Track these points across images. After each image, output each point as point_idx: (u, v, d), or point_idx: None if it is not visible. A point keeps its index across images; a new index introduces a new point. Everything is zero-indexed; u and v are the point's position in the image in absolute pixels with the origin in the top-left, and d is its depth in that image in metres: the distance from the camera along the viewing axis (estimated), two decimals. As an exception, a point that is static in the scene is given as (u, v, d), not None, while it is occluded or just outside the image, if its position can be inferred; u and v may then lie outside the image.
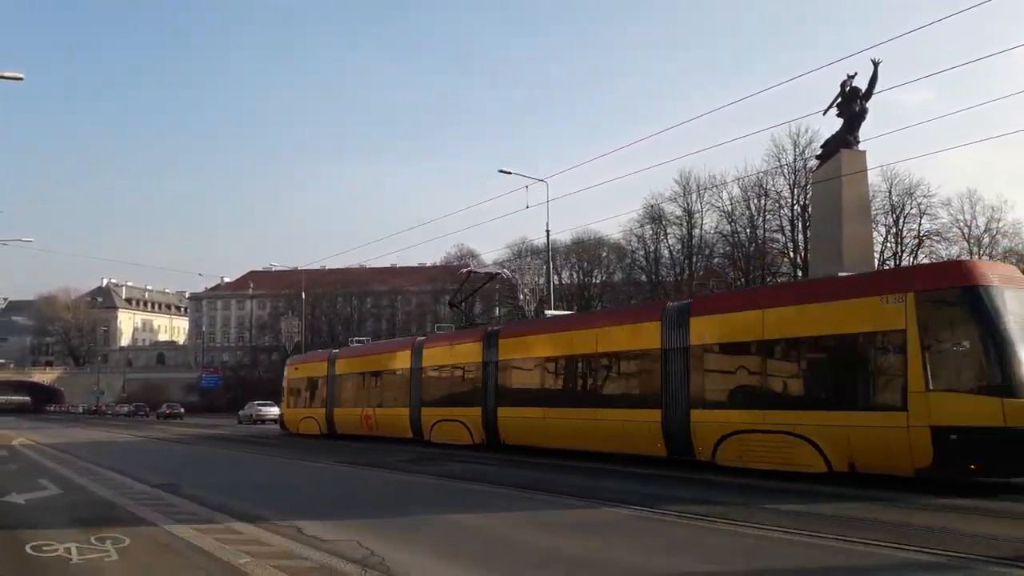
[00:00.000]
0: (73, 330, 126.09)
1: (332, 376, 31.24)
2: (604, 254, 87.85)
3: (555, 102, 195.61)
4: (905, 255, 66.63)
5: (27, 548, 8.38)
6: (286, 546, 8.27)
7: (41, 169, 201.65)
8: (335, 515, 10.42)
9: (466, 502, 11.53)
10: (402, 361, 26.77)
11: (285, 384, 36.09)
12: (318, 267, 79.31)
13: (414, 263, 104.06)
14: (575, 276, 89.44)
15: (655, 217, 79.14)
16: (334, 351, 34.89)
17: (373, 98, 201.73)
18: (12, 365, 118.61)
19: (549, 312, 37.11)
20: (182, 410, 71.24)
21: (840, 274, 15.77)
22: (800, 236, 68.41)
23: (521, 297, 48.38)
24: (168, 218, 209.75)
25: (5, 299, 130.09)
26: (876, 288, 13.03)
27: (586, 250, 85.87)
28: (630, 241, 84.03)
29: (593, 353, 18.83)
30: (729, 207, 75.16)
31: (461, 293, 34.00)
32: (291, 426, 34.91)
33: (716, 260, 78.84)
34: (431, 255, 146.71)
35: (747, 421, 14.47)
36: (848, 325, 13.09)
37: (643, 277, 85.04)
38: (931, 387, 11.67)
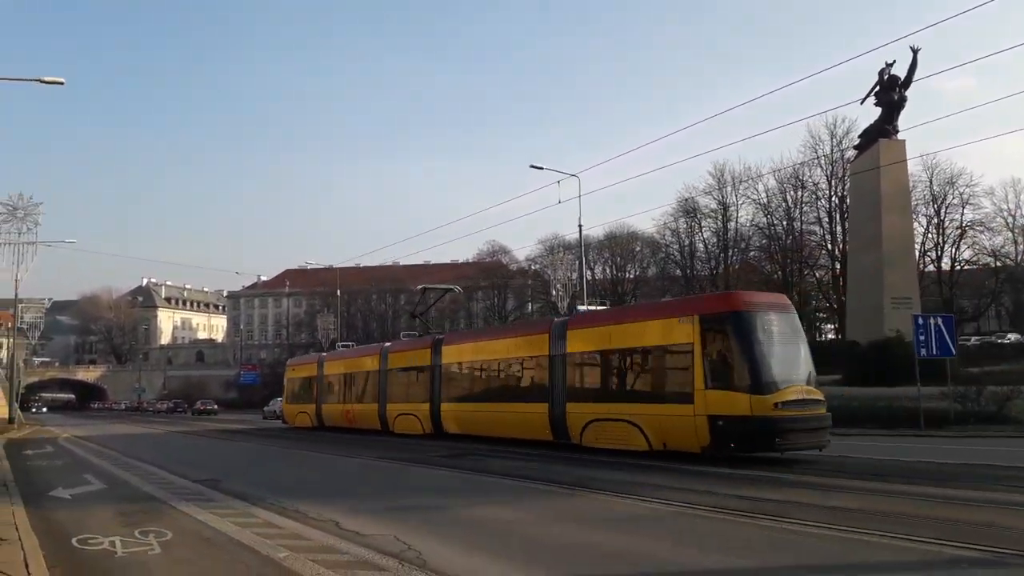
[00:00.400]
0: (115, 329, 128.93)
1: (320, 376, 35.49)
2: (637, 248, 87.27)
3: (586, 97, 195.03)
4: (947, 246, 65.19)
5: (74, 541, 8.57)
6: (325, 540, 8.33)
7: (82, 171, 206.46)
8: (372, 510, 10.47)
9: (504, 498, 11.50)
10: (372, 364, 30.63)
11: (285, 383, 40.53)
12: (352, 265, 80.00)
13: (447, 260, 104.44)
14: (608, 271, 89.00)
15: (689, 210, 78.44)
16: (323, 354, 40.27)
17: (407, 96, 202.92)
18: (57, 364, 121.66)
19: (581, 307, 37.01)
20: (215, 406, 73.82)
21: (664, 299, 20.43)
22: (838, 228, 67.29)
23: (553, 293, 48.29)
24: (205, 218, 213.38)
25: (50, 299, 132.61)
26: (675, 312, 17.39)
27: (619, 244, 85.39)
28: (664, 235, 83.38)
29: (504, 359, 23.17)
30: (765, 199, 74.21)
31: (421, 306, 38.48)
32: (290, 419, 38.74)
33: (752, 253, 77.88)
34: (463, 252, 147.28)
35: (600, 412, 18.42)
36: (658, 339, 17.24)
37: (677, 271, 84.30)
38: (708, 386, 15.43)
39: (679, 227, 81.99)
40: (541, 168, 33.33)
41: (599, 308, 37.27)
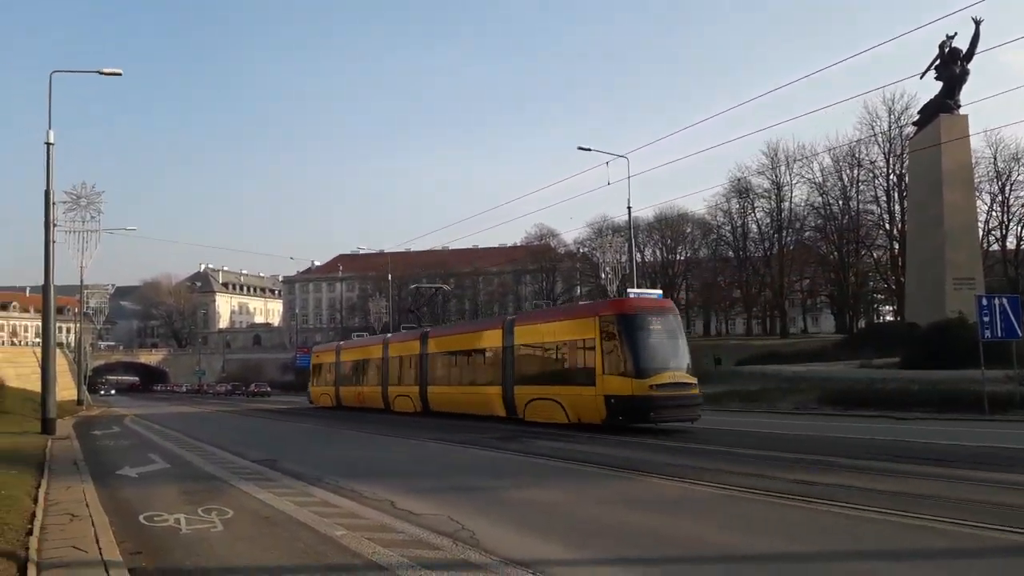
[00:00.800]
0: (175, 313, 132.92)
1: (338, 363, 40.11)
2: (688, 230, 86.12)
3: (636, 76, 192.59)
4: (1012, 224, 62.81)
5: (140, 518, 8.91)
6: (380, 520, 8.50)
7: (142, 160, 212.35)
8: (426, 490, 10.64)
9: (554, 480, 11.55)
10: (377, 352, 35.47)
11: (311, 368, 45.16)
12: (403, 250, 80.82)
13: (495, 244, 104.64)
14: (658, 253, 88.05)
15: (742, 190, 77.08)
16: (340, 343, 45.21)
17: (453, 81, 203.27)
18: (121, 348, 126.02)
19: (631, 291, 36.74)
20: (268, 389, 76.21)
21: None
22: (896, 207, 65.38)
23: (602, 276, 47.90)
24: (261, 204, 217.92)
25: (113, 285, 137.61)
26: (583, 314, 22.31)
27: (669, 226, 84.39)
28: (716, 216, 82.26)
29: (472, 349, 27.68)
30: (820, 178, 72.53)
31: (414, 303, 46.13)
32: (315, 400, 43.31)
33: (807, 234, 76.19)
34: (512, 236, 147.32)
35: (536, 393, 22.93)
36: (572, 335, 21.79)
37: (730, 253, 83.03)
38: (605, 372, 19.76)
39: (731, 208, 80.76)
40: (589, 150, 33.08)
41: (648, 291, 37.02)
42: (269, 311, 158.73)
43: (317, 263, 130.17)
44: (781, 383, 34.22)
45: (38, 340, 44.69)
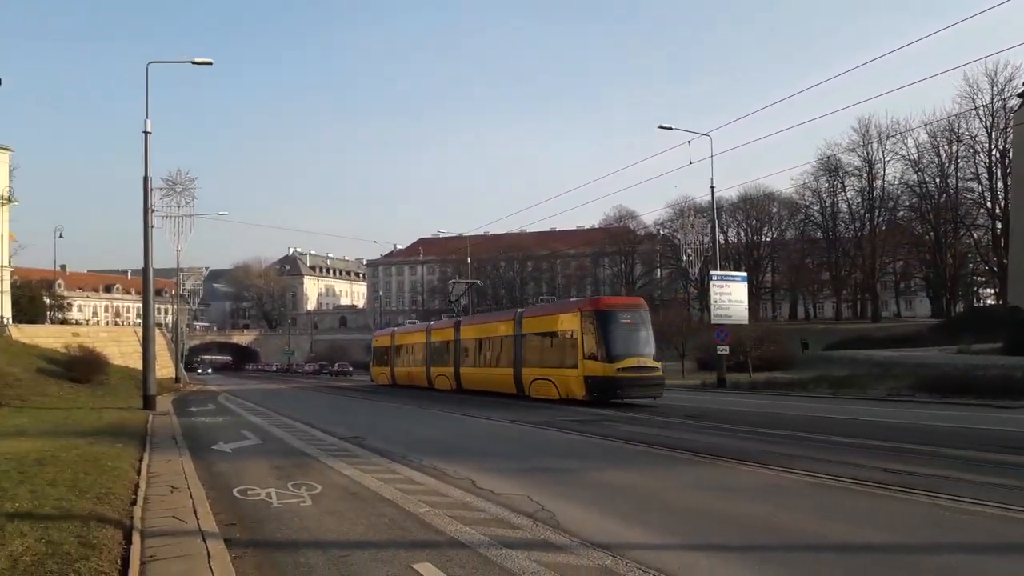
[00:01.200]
0: (265, 296, 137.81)
1: (393, 346, 45.19)
2: (774, 210, 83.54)
3: (721, 52, 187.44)
4: None
5: (234, 491, 9.31)
6: (462, 498, 8.62)
7: (234, 147, 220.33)
8: (507, 471, 10.72)
9: (636, 464, 11.45)
10: (421, 338, 40.72)
11: (372, 350, 51.29)
12: (482, 233, 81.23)
13: (573, 226, 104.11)
14: (743, 234, 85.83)
15: (831, 169, 74.23)
16: (396, 328, 51.74)
17: (531, 61, 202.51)
18: (215, 328, 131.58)
19: (715, 273, 36.00)
20: (350, 368, 78.41)
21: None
22: (999, 184, 61.82)
23: (684, 258, 47.10)
24: (345, 190, 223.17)
25: (207, 268, 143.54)
26: (569, 309, 26.48)
27: (754, 206, 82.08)
28: (803, 195, 79.55)
29: (493, 336, 32.38)
30: (915, 155, 69.20)
31: (452, 296, 51.58)
32: (375, 379, 49.21)
33: (901, 213, 72.89)
34: (590, 218, 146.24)
35: (536, 374, 27.55)
36: (561, 327, 26.40)
37: (818, 233, 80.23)
38: (585, 357, 24.18)
39: (820, 187, 77.90)
40: (670, 128, 32.40)
41: (732, 273, 36.48)
42: (354, 293, 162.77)
43: (400, 247, 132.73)
44: (872, 368, 32.96)
45: (139, 320, 47.17)
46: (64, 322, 78.64)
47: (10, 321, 44.10)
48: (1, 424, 16.71)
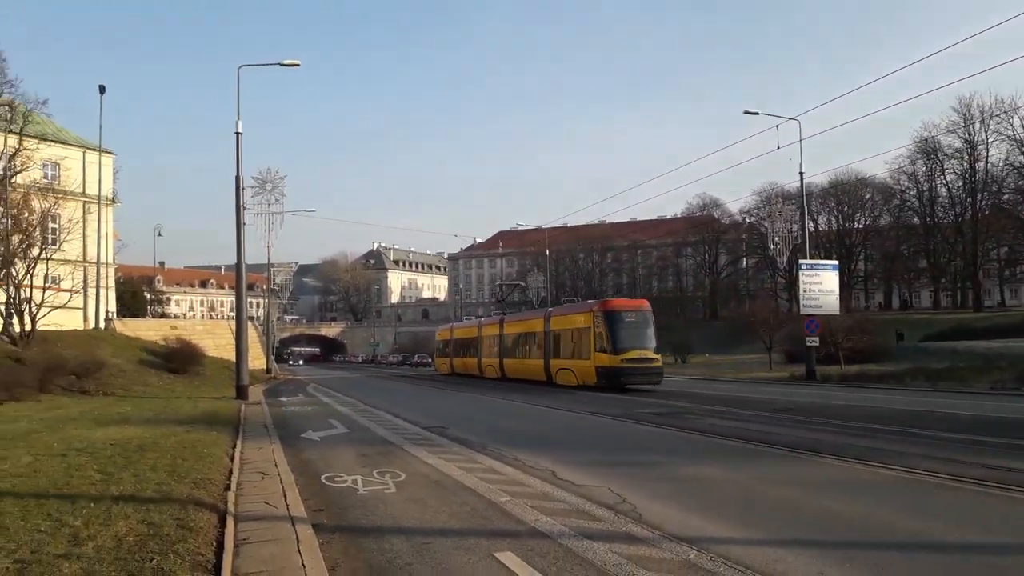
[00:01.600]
0: (351, 289, 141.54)
1: (452, 340, 50.49)
2: (867, 196, 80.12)
3: (811, 32, 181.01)
4: None
5: (322, 479, 9.59)
6: (542, 488, 8.63)
7: (320, 145, 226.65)
8: (587, 462, 10.66)
9: (719, 457, 11.19)
10: (473, 332, 46.18)
11: (436, 343, 57.68)
12: (560, 225, 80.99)
13: (654, 216, 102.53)
14: (834, 221, 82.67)
15: (929, 151, 70.54)
16: (455, 323, 57.55)
17: (613, 48, 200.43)
18: (304, 321, 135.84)
19: (804, 262, 34.83)
20: (430, 360, 79.39)
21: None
22: (1120, 163, 57.41)
23: (771, 247, 45.66)
24: (428, 185, 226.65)
25: (296, 263, 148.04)
26: (584, 310, 30.70)
27: (846, 192, 78.96)
28: (899, 180, 75.95)
29: (529, 332, 36.67)
30: (1022, 135, 64.88)
31: (502, 294, 62.62)
32: (438, 368, 55.00)
33: (1006, 196, 68.64)
34: (672, 207, 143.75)
35: (561, 365, 32.00)
36: (578, 324, 30.47)
37: (915, 219, 76.54)
38: (596, 350, 28.34)
39: (917, 171, 74.17)
40: (756, 113, 31.45)
41: (822, 262, 35.37)
42: (436, 286, 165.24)
43: (479, 240, 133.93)
44: (973, 360, 31.29)
45: (232, 314, 49.14)
46: (163, 316, 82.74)
47: (115, 315, 46.61)
48: (107, 412, 17.71)
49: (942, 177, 73.33)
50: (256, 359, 48.40)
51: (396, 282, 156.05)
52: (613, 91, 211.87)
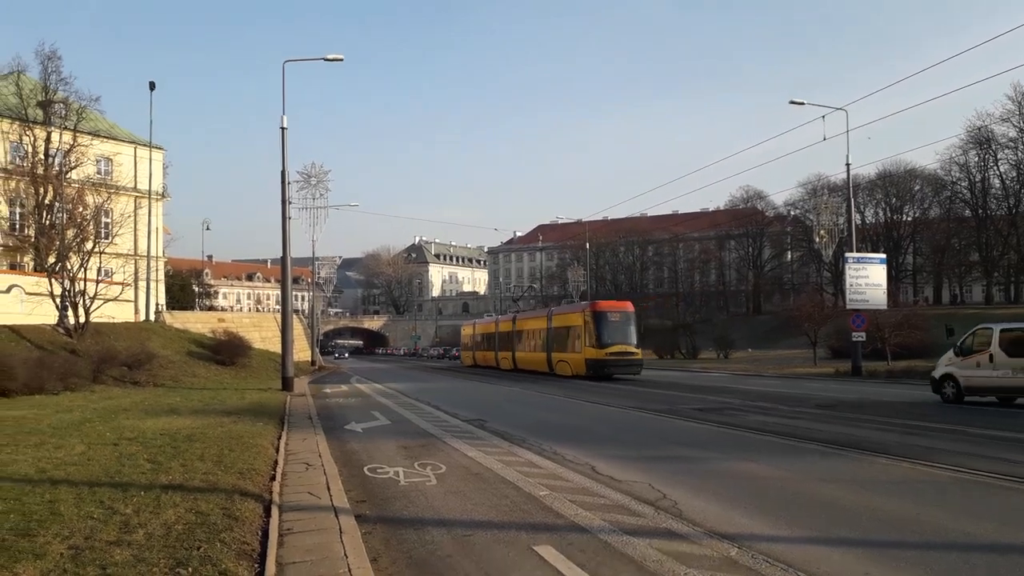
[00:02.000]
0: (393, 283, 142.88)
1: (474, 335, 56.10)
2: (917, 187, 78.06)
3: (855, 19, 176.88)
4: None
5: (365, 470, 9.72)
6: (582, 483, 8.62)
7: (363, 140, 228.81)
8: (627, 457, 10.62)
9: (761, 454, 11.03)
10: (491, 328, 51.82)
11: (461, 337, 63.87)
12: (600, 218, 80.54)
13: (696, 209, 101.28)
14: (881, 214, 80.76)
15: (982, 141, 68.38)
16: (476, 321, 61.74)
17: (650, 37, 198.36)
18: (348, 314, 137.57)
19: (850, 255, 34.15)
20: None
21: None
22: None
23: (816, 240, 44.73)
24: (468, 179, 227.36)
25: (340, 257, 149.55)
26: (576, 310, 36.80)
27: (894, 184, 77.04)
28: (950, 171, 73.72)
29: (535, 328, 41.75)
30: (1082, 123, 62.51)
31: (517, 294, 70.71)
32: (464, 361, 59.88)
33: (1063, 187, 66.17)
34: (714, 199, 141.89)
35: (560, 357, 36.64)
36: (573, 323, 35.66)
37: (966, 211, 74.32)
38: (586, 345, 33.55)
39: (969, 161, 71.93)
40: (802, 103, 30.87)
41: (869, 255, 34.66)
42: (476, 280, 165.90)
43: (519, 233, 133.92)
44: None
45: (278, 307, 50.00)
46: (211, 309, 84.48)
47: (164, 308, 47.74)
48: (157, 403, 18.18)
49: (995, 167, 71.07)
50: (301, 351, 49.15)
51: (437, 276, 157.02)
52: (655, 81, 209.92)
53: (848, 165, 33.75)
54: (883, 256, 37.18)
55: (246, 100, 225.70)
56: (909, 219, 79.71)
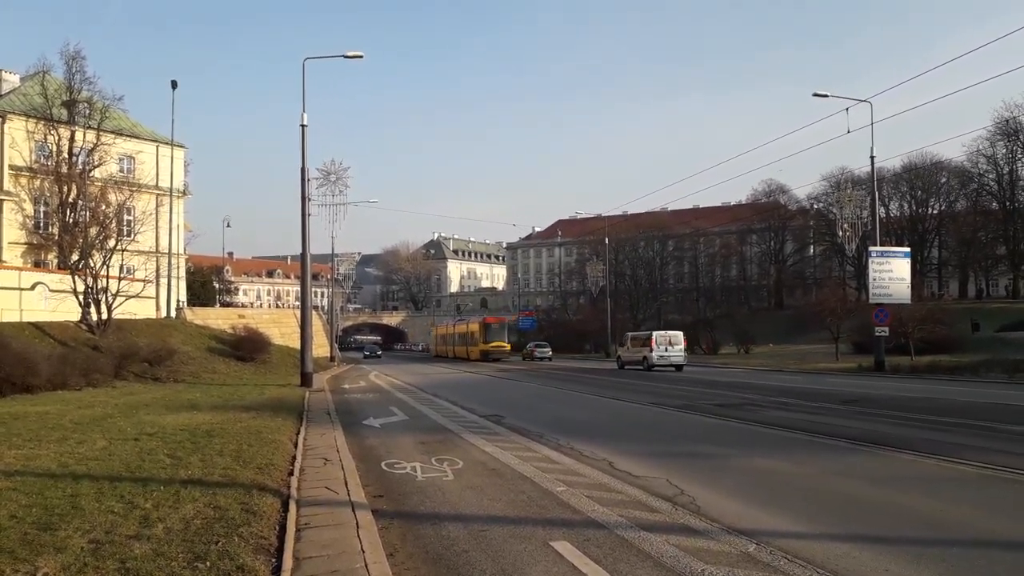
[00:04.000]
0: (412, 279, 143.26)
1: (438, 335, 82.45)
2: (943, 180, 76.94)
3: (880, 7, 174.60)
4: None
5: (382, 465, 9.75)
6: (599, 478, 8.58)
7: (382, 137, 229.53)
8: (644, 453, 10.56)
9: (782, 450, 10.92)
10: (447, 330, 75.75)
11: (433, 335, 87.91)
12: (620, 213, 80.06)
13: (717, 203, 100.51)
14: (906, 207, 79.67)
15: (1010, 132, 67.31)
16: (448, 320, 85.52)
17: (670, 31, 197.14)
18: (366, 310, 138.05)
19: (874, 249, 33.77)
20: None
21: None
22: None
23: (839, 234, 44.25)
24: (487, 175, 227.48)
25: (359, 253, 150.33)
26: (476, 320, 66.39)
27: (920, 176, 75.97)
28: (977, 163, 72.62)
29: (462, 332, 67.46)
30: (1111, 113, 61.32)
31: (460, 304, 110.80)
32: (436, 353, 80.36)
33: (1093, 179, 64.90)
34: (736, 193, 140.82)
35: (467, 349, 63.31)
36: (473, 328, 63.98)
37: (994, 204, 73.13)
38: (481, 342, 60.79)
39: (996, 153, 70.81)
40: (826, 96, 30.53)
41: (893, 249, 34.28)
42: (494, 276, 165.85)
43: (538, 229, 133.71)
44: (1056, 352, 29.86)
45: (298, 303, 50.37)
46: (231, 305, 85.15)
47: (185, 305, 48.23)
48: (177, 398, 18.36)
49: (1023, 159, 69.91)
50: (320, 347, 49.47)
51: (455, 272, 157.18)
52: (676, 77, 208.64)
53: (872, 158, 33.36)
54: (907, 250, 36.70)
55: (267, 96, 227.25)
56: (935, 212, 78.60)
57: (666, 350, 38.24)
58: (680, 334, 39.96)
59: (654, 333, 40.51)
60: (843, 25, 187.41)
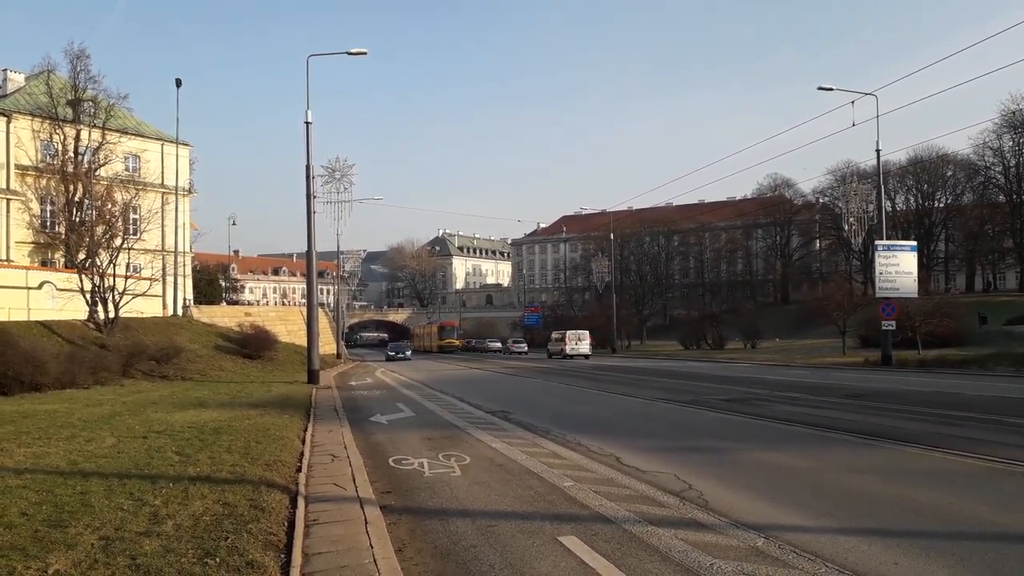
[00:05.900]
0: (417, 276, 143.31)
1: (415, 332, 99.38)
2: (949, 173, 76.56)
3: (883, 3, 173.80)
4: None
5: (390, 461, 9.77)
6: (606, 474, 8.58)
7: (386, 134, 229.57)
8: (652, 448, 10.56)
9: (790, 445, 10.90)
10: (425, 329, 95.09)
11: (412, 333, 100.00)
12: (625, 208, 79.91)
13: (723, 197, 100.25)
14: (912, 201, 79.33)
15: (1017, 125, 66.87)
16: (424, 322, 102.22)
17: (674, 27, 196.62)
18: (372, 307, 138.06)
19: (880, 243, 33.64)
20: (498, 345, 79.84)
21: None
22: None
23: (845, 228, 44.07)
24: (491, 171, 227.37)
25: (364, 250, 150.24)
26: (436, 323, 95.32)
27: (926, 170, 75.61)
28: (983, 156, 72.22)
29: (427, 331, 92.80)
30: (1120, 105, 60.88)
31: (429, 312, 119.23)
32: (417, 346, 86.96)
33: (1101, 171, 64.48)
34: (741, 188, 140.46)
35: (431, 344, 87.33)
36: (432, 329, 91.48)
37: (1000, 197, 72.75)
38: (437, 340, 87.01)
39: (1003, 146, 70.37)
40: (831, 89, 30.37)
41: (900, 242, 34.16)
42: (499, 272, 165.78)
43: (543, 225, 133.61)
44: (1064, 345, 29.73)
45: (304, 300, 50.46)
46: (237, 303, 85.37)
47: (192, 303, 48.34)
48: (185, 396, 18.42)
49: (1030, 150, 69.47)
50: (327, 344, 49.52)
51: (460, 268, 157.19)
52: (681, 72, 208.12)
53: (878, 151, 33.19)
54: (914, 243, 36.59)
55: (271, 95, 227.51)
56: (941, 206, 78.22)
57: (576, 344, 52.66)
58: (586, 332, 55.38)
59: (567, 332, 55.17)
60: (848, 21, 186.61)
